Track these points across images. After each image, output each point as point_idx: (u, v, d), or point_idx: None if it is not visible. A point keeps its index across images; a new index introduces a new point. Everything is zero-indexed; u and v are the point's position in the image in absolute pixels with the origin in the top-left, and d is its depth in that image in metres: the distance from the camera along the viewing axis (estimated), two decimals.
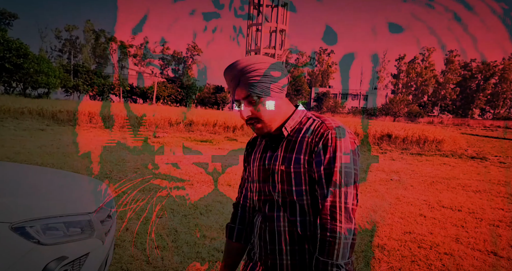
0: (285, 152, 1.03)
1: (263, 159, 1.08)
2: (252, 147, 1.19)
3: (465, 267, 3.01)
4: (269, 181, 1.05)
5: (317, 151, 0.98)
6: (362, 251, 3.31)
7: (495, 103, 67.90)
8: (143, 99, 50.23)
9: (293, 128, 1.05)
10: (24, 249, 1.59)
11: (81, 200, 2.03)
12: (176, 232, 3.55)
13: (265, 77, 0.99)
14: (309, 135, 1.01)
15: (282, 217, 1.03)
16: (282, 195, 1.03)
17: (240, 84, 1.00)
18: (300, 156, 1.00)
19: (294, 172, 1.00)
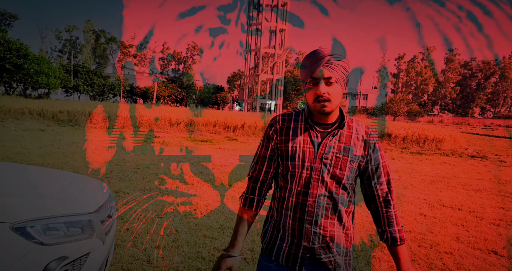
0: (340, 142, 1.24)
1: (312, 143, 1.24)
2: (284, 129, 1.29)
3: (466, 266, 3.01)
4: (320, 163, 1.22)
5: (372, 148, 1.27)
6: (362, 250, 3.31)
7: (496, 102, 67.87)
8: (143, 100, 50.24)
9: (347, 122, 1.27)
10: (24, 249, 1.59)
11: (81, 200, 2.03)
12: (177, 231, 3.55)
13: (345, 70, 1.21)
14: (361, 133, 1.27)
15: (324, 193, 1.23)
16: (332, 177, 1.22)
17: (326, 65, 1.18)
18: (356, 149, 1.25)
19: (350, 160, 1.23)
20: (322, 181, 1.22)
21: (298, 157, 1.24)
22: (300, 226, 1.24)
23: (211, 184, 5.65)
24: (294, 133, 1.27)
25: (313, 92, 1.19)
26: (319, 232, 1.23)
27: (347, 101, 60.42)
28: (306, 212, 1.23)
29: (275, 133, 1.30)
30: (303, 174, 1.23)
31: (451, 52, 67.57)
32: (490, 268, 3.00)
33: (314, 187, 1.22)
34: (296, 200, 1.24)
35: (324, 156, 1.22)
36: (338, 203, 1.25)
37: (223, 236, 3.48)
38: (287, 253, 1.25)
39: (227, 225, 3.78)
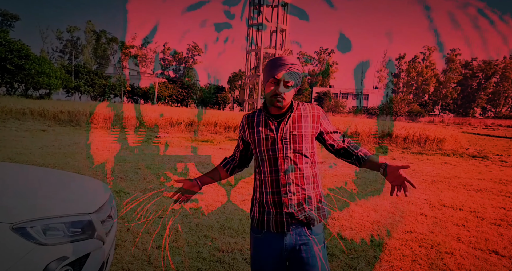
0: (293, 123, 1.55)
1: (271, 130, 1.56)
2: (249, 124, 1.64)
3: (467, 266, 3.00)
4: (282, 144, 1.53)
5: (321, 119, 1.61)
6: (363, 250, 3.30)
7: (497, 102, 67.73)
8: (144, 100, 50.26)
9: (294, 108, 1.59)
10: (24, 250, 1.59)
11: (81, 200, 2.03)
12: (177, 232, 3.55)
13: (299, 79, 1.55)
14: (308, 111, 1.60)
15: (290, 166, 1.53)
16: (293, 151, 1.53)
17: (288, 71, 1.49)
18: (307, 124, 1.56)
19: (304, 134, 1.54)
20: (286, 157, 1.53)
21: (263, 143, 1.56)
22: (278, 198, 1.53)
23: (211, 184, 5.65)
24: (257, 126, 1.59)
25: (271, 89, 1.51)
26: (293, 198, 1.53)
27: (348, 101, 60.37)
28: (280, 185, 1.52)
29: (243, 128, 1.67)
30: (271, 156, 1.54)
31: (452, 52, 67.45)
32: (491, 268, 2.99)
33: (281, 163, 1.53)
34: (270, 178, 1.54)
35: (283, 137, 1.53)
36: (303, 171, 1.54)
37: (223, 236, 3.48)
38: (275, 222, 1.54)
39: (227, 225, 3.78)
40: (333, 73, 72.33)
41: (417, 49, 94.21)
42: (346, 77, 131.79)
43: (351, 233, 3.74)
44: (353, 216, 4.32)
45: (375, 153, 11.35)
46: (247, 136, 1.65)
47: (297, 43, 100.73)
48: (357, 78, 64.41)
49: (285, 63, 1.49)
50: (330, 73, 71.19)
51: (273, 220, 1.54)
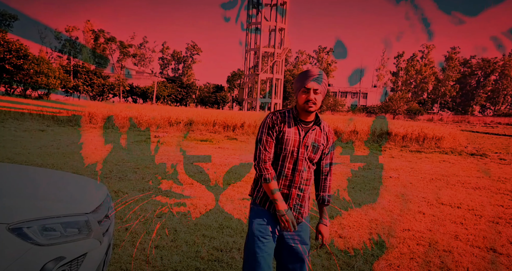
0: (315, 135, 1.88)
1: (299, 135, 1.85)
2: (280, 121, 1.85)
3: (464, 264, 3.01)
4: (304, 148, 1.84)
5: (329, 141, 1.94)
6: (361, 248, 3.31)
7: (496, 100, 67.78)
8: (143, 99, 50.20)
9: (322, 121, 1.91)
10: (21, 250, 1.59)
11: (78, 200, 2.03)
12: (176, 231, 3.56)
13: (326, 85, 1.85)
14: (326, 130, 1.93)
15: (305, 168, 1.87)
16: (309, 158, 1.88)
17: (316, 80, 1.79)
18: (323, 141, 1.91)
19: (318, 148, 1.89)
20: (304, 160, 1.85)
21: (290, 143, 1.83)
22: (288, 190, 1.86)
23: (210, 183, 5.65)
24: (288, 126, 1.84)
25: (305, 97, 1.79)
26: (300, 194, 1.88)
27: (347, 100, 60.41)
28: (294, 180, 1.85)
29: (275, 125, 1.84)
30: (293, 155, 1.84)
31: (452, 50, 67.45)
32: (489, 266, 3.00)
33: (300, 164, 1.85)
34: (287, 173, 1.85)
35: (306, 144, 1.85)
36: (310, 174, 1.91)
37: (222, 236, 3.49)
38: None
39: (226, 224, 3.79)
40: (332, 72, 72.30)
41: (415, 47, 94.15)
42: (345, 76, 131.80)
43: (349, 231, 3.74)
44: (351, 214, 4.33)
45: (368, 153, 11.35)
46: (278, 132, 1.85)
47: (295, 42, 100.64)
48: (356, 77, 64.40)
49: (312, 74, 1.79)
50: (329, 71, 71.16)
51: None
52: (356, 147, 12.16)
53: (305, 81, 1.78)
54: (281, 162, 1.85)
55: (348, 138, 13.43)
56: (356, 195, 5.29)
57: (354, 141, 13.16)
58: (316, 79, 1.77)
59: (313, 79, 1.77)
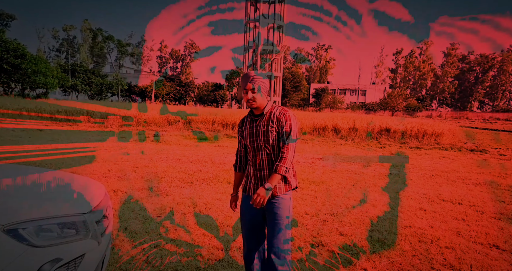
0: (265, 122, 2.18)
1: (251, 127, 2.23)
2: (242, 125, 2.32)
3: (468, 261, 2.98)
4: (257, 137, 2.19)
5: (282, 121, 2.15)
6: (362, 246, 3.28)
7: (494, 96, 67.80)
8: (142, 98, 50.08)
9: (268, 111, 2.21)
10: (17, 252, 1.56)
11: (75, 200, 1.99)
12: (175, 230, 3.52)
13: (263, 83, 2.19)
14: (276, 113, 2.18)
15: (264, 153, 2.19)
16: (265, 142, 2.17)
17: (251, 81, 2.14)
18: (273, 124, 2.16)
19: (270, 131, 2.15)
20: (260, 146, 2.18)
21: (248, 136, 2.24)
22: (256, 173, 2.22)
23: (209, 182, 5.61)
24: (245, 124, 2.29)
25: (245, 97, 2.16)
26: (265, 173, 2.19)
27: (345, 97, 60.37)
28: (259, 164, 2.20)
29: (239, 127, 2.34)
30: (252, 145, 2.22)
31: (452, 45, 67.35)
32: (492, 262, 2.97)
33: (258, 149, 2.20)
34: (253, 159, 2.23)
35: (259, 132, 2.18)
36: (272, 156, 2.18)
37: (222, 234, 3.45)
38: (254, 189, 2.22)
39: (226, 223, 3.76)
40: (330, 70, 72.20)
41: (414, 44, 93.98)
42: (344, 73, 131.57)
43: (351, 228, 3.71)
44: (352, 211, 4.30)
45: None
46: (241, 133, 2.31)
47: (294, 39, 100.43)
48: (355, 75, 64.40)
49: (248, 76, 2.15)
50: (327, 69, 71.05)
51: (253, 188, 2.23)
52: (356, 144, 12.13)
53: (242, 84, 2.16)
54: (250, 153, 2.26)
55: (347, 135, 13.39)
56: (356, 192, 5.26)
57: (353, 138, 13.13)
58: (252, 81, 2.12)
59: (249, 81, 2.13)
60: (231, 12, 60.44)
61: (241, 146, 2.36)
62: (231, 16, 49.86)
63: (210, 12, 61.46)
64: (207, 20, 67.61)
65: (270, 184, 2.08)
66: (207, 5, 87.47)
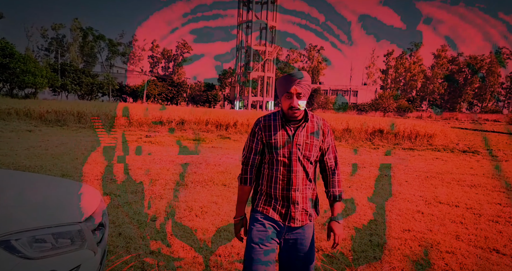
0: (307, 132, 1.79)
1: (288, 135, 1.78)
2: (267, 129, 1.80)
3: (469, 266, 2.96)
4: (296, 148, 1.76)
5: (326, 134, 1.84)
6: (362, 251, 3.24)
7: (483, 97, 68.86)
8: (133, 98, 49.60)
9: (311, 119, 1.82)
10: (9, 265, 1.46)
11: (71, 208, 1.89)
12: (171, 235, 3.43)
13: (309, 87, 1.77)
14: (320, 124, 1.84)
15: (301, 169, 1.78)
16: (303, 156, 1.78)
17: (298, 84, 1.72)
18: (318, 135, 1.81)
19: (314, 144, 1.80)
20: (298, 160, 1.77)
21: (281, 146, 1.77)
22: (287, 193, 1.78)
23: (204, 183, 5.52)
24: (275, 129, 1.79)
25: (288, 102, 1.73)
26: (300, 195, 1.79)
27: (338, 98, 60.58)
28: (291, 182, 1.77)
29: (259, 130, 1.82)
30: (285, 157, 1.77)
31: (442, 47, 68.21)
32: (494, 267, 2.95)
33: (294, 165, 1.76)
34: (283, 176, 1.77)
35: (297, 143, 1.77)
36: (309, 174, 1.81)
37: (220, 239, 3.38)
38: (279, 212, 1.79)
39: (224, 227, 3.68)
40: (322, 70, 72.53)
41: (404, 45, 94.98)
42: (336, 74, 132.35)
43: (350, 232, 3.67)
44: (350, 214, 4.26)
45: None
46: (264, 138, 1.81)
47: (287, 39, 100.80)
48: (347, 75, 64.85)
49: (295, 78, 1.71)
50: (319, 70, 71.36)
51: (278, 210, 1.80)
52: (349, 145, 12.14)
53: (288, 86, 1.72)
54: (275, 166, 1.78)
55: (341, 136, 13.41)
56: (353, 194, 5.22)
57: (347, 139, 13.15)
58: (300, 84, 1.71)
59: (296, 83, 1.71)
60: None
61: (257, 153, 1.85)
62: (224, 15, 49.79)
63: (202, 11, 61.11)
64: (199, 19, 67.30)
65: (340, 216, 1.85)
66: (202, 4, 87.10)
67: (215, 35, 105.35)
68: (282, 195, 1.78)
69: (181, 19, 62.32)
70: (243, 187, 1.89)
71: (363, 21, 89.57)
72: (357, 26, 75.63)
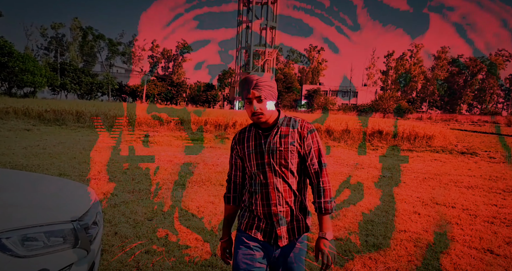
0: (280, 138, 1.59)
1: (259, 145, 1.61)
2: (242, 141, 1.68)
3: (463, 267, 2.96)
4: (269, 158, 1.58)
5: (305, 137, 1.60)
6: (357, 251, 3.24)
7: (482, 99, 68.96)
8: (133, 98, 49.59)
9: (283, 123, 1.63)
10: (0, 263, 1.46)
11: (64, 206, 1.90)
12: (167, 235, 3.44)
13: (271, 87, 1.58)
14: (296, 127, 1.61)
15: (281, 181, 1.59)
16: (280, 166, 1.58)
17: (255, 87, 1.54)
18: (293, 140, 1.59)
19: (290, 150, 1.58)
20: (273, 171, 1.58)
21: (253, 158, 1.61)
22: (268, 209, 1.60)
23: (201, 184, 5.53)
24: (247, 141, 1.65)
25: (249, 109, 1.57)
26: (284, 210, 1.60)
27: (337, 99, 60.69)
28: (270, 197, 1.59)
29: (235, 144, 1.71)
30: (260, 169, 1.60)
31: (443, 49, 68.30)
32: (488, 268, 2.96)
33: (270, 177, 1.59)
34: (261, 190, 1.61)
35: (269, 151, 1.58)
36: (292, 185, 1.61)
37: (216, 239, 3.38)
38: (264, 231, 1.62)
39: (220, 227, 3.68)
40: (322, 71, 72.56)
41: (405, 47, 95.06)
42: (336, 75, 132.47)
43: (345, 233, 3.67)
44: (347, 215, 4.26)
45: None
46: (239, 152, 1.69)
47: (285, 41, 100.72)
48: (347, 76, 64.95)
49: (250, 81, 1.56)
50: (320, 70, 71.39)
51: (262, 229, 1.63)
52: (348, 145, 12.15)
53: (244, 91, 1.56)
54: (253, 181, 1.64)
55: (340, 137, 13.42)
56: (350, 195, 5.23)
57: (346, 139, 13.16)
58: (256, 87, 1.54)
59: (252, 87, 1.54)
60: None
61: (238, 169, 1.73)
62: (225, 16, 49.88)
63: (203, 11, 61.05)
64: (199, 19, 67.23)
65: (327, 230, 1.56)
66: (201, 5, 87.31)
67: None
68: (264, 212, 1.61)
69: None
70: (226, 206, 1.78)
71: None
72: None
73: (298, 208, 1.64)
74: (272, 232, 1.61)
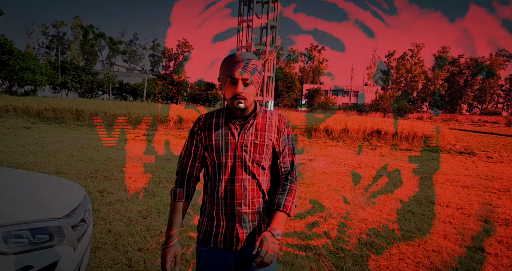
0: (256, 130, 1.41)
1: (232, 135, 1.40)
2: (207, 127, 1.44)
3: (453, 265, 2.98)
4: (241, 151, 1.39)
5: (282, 133, 1.46)
6: (349, 250, 3.25)
7: (483, 99, 68.87)
8: (133, 97, 49.62)
9: (259, 113, 1.46)
10: None
11: (50, 204, 1.91)
12: (161, 233, 3.45)
13: (259, 73, 1.41)
14: (274, 120, 1.46)
15: (250, 178, 1.40)
16: (252, 161, 1.39)
17: (245, 68, 1.35)
18: (270, 134, 1.43)
19: (266, 145, 1.42)
20: (245, 166, 1.39)
21: (222, 148, 1.39)
22: (232, 209, 1.39)
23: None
24: (216, 128, 1.42)
25: (232, 90, 1.36)
26: (249, 211, 1.40)
27: (338, 98, 60.63)
28: (235, 196, 1.38)
29: (199, 130, 1.45)
30: (228, 163, 1.39)
31: (443, 49, 68.21)
32: (477, 266, 2.97)
33: (239, 173, 1.39)
34: (225, 187, 1.39)
35: (244, 144, 1.39)
36: (262, 183, 1.42)
37: None
38: (224, 237, 1.40)
39: None
40: (323, 70, 72.49)
41: (406, 46, 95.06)
42: (337, 74, 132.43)
43: (339, 231, 3.68)
44: (341, 214, 4.27)
45: None
46: (204, 139, 1.43)
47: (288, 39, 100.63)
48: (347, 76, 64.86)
49: (240, 60, 1.35)
50: (320, 70, 71.33)
51: (222, 235, 1.40)
52: (347, 145, 12.15)
53: (230, 69, 1.35)
54: (217, 175, 1.41)
55: (338, 136, 13.42)
56: (346, 194, 5.24)
57: (345, 139, 13.16)
58: (246, 67, 1.35)
59: (240, 67, 1.34)
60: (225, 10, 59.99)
61: (197, 159, 1.48)
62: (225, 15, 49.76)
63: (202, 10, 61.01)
64: (200, 18, 67.23)
65: (278, 228, 1.35)
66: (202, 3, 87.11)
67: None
68: (226, 213, 1.40)
69: None
70: (174, 203, 1.48)
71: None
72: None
73: (266, 210, 1.45)
74: (232, 236, 1.40)
